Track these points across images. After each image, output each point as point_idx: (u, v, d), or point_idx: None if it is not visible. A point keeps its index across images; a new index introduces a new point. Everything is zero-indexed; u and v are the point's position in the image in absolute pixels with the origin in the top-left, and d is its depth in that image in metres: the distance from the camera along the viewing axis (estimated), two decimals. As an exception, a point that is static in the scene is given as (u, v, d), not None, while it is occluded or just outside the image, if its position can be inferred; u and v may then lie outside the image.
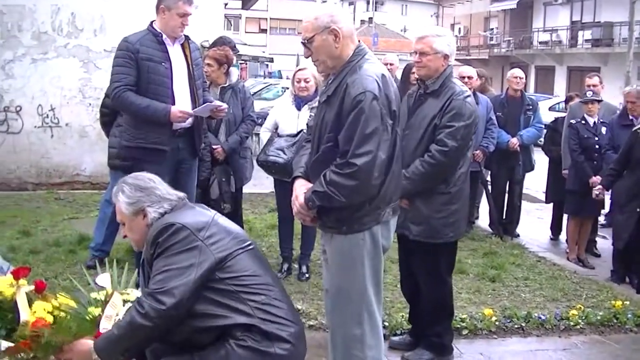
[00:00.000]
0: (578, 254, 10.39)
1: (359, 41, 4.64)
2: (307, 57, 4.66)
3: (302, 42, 4.58)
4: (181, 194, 4.42)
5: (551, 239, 11.87)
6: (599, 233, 11.46)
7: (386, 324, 6.73)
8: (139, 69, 6.58)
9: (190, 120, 6.77)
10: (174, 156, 6.77)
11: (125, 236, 4.48)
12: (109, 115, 8.24)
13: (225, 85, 8.31)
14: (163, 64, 6.65)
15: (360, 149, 4.28)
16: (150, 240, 4.12)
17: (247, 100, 8.55)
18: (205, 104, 6.90)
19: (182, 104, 6.69)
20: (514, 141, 10.87)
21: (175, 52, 6.77)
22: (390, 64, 11.84)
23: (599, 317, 7.35)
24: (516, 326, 7.05)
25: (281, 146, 7.92)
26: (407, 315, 6.70)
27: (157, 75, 6.63)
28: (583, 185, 9.87)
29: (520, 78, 11.28)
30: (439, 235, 5.86)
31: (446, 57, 5.79)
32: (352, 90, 4.35)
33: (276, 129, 8.22)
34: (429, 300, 6.09)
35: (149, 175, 4.46)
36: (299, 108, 8.10)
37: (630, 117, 9.96)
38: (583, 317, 7.31)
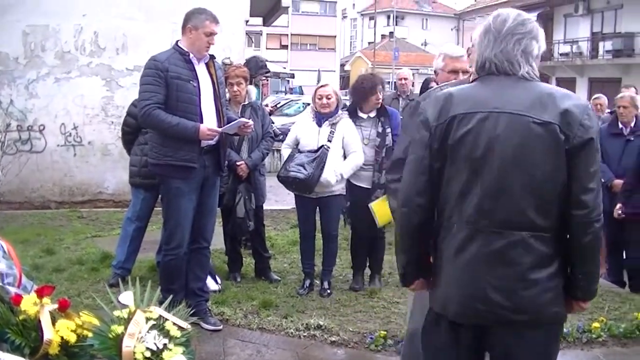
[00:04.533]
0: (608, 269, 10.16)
1: None
2: None
3: None
4: None
5: None
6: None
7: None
8: (167, 87, 6.59)
9: (216, 137, 6.81)
10: (201, 173, 6.80)
11: None
12: (131, 133, 8.31)
13: (246, 103, 8.39)
14: (191, 82, 6.67)
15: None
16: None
17: (265, 117, 8.66)
18: (236, 121, 6.94)
19: (209, 121, 6.72)
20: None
21: (201, 70, 6.80)
22: (405, 79, 11.93)
23: (621, 330, 7.30)
24: (538, 340, 7.02)
25: (302, 162, 7.96)
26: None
27: (186, 93, 6.65)
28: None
29: None
30: None
31: None
32: None
33: (297, 145, 8.26)
34: None
35: None
36: (319, 124, 8.14)
37: (620, 126, 9.66)
38: (605, 330, 7.27)
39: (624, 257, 9.62)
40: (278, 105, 35.44)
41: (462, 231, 3.67)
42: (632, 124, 9.58)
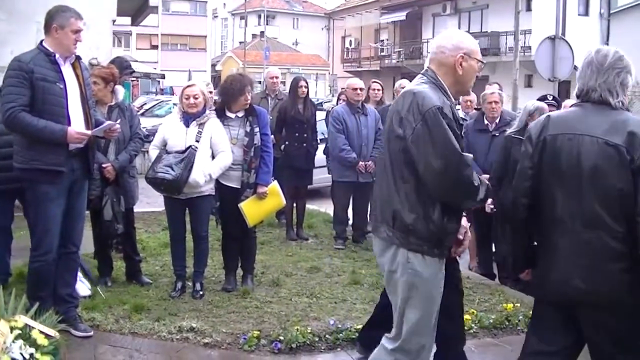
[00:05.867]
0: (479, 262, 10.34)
1: None
2: None
3: None
4: None
5: None
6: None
7: (281, 337, 6.78)
8: (33, 89, 6.38)
9: (84, 140, 6.65)
10: (69, 177, 6.64)
11: None
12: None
13: (112, 104, 8.25)
14: (57, 84, 6.48)
15: None
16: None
17: (134, 118, 8.52)
18: (105, 124, 6.81)
19: (76, 124, 6.56)
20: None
21: (67, 71, 6.62)
22: (276, 77, 11.99)
23: (491, 321, 7.53)
24: (410, 334, 7.11)
25: (170, 163, 7.89)
26: (303, 329, 6.94)
27: (53, 95, 6.45)
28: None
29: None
30: None
31: None
32: None
33: (165, 145, 8.19)
34: None
35: None
36: (187, 125, 8.09)
37: (486, 122, 9.92)
38: (476, 321, 7.47)
39: (494, 250, 9.82)
40: (145, 106, 35.04)
41: (556, 229, 4.49)
42: (497, 120, 9.83)
